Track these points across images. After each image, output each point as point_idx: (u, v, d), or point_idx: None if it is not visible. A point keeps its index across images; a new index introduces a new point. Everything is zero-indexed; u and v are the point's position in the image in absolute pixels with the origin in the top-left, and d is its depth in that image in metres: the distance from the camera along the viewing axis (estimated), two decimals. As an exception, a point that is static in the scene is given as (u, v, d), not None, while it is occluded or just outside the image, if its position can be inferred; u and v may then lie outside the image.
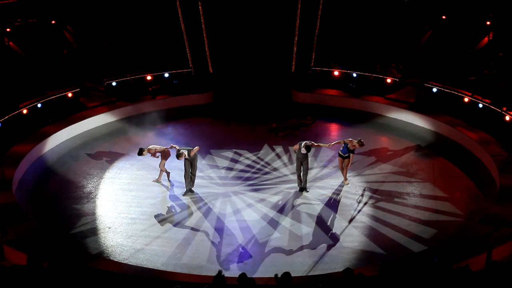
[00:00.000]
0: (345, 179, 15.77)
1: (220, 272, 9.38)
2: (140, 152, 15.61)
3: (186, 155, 14.90)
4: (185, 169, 15.20)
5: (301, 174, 15.39)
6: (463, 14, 21.29)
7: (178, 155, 14.84)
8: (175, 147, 15.46)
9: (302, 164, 15.23)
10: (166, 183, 15.83)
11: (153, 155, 15.68)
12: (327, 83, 21.86)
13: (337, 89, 21.62)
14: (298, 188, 15.48)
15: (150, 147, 15.71)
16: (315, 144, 15.49)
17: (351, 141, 15.46)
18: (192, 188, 15.40)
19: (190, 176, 15.24)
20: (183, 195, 15.25)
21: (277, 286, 9.26)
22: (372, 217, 14.30)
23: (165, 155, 15.63)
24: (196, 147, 15.28)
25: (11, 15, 20.78)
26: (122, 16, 22.23)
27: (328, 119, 20.15)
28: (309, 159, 16.79)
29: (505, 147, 16.71)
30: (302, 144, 15.10)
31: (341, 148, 15.55)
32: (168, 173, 15.82)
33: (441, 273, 9.42)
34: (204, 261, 12.66)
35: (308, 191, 15.41)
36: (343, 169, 15.74)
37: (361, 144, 15.52)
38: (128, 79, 21.16)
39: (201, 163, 16.61)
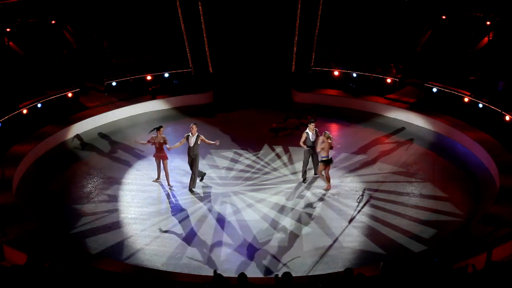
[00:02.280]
0: (328, 183, 15.43)
1: (215, 271, 9.36)
2: (158, 128, 15.39)
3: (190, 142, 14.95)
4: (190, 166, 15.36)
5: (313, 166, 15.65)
6: (463, 14, 21.29)
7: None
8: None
9: (312, 156, 15.39)
10: (166, 183, 15.82)
11: (154, 143, 15.37)
12: (327, 83, 21.87)
13: (337, 89, 21.63)
14: (301, 180, 15.74)
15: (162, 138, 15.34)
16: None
17: (324, 145, 14.99)
18: (193, 189, 15.41)
19: (191, 175, 15.32)
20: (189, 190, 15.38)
21: (277, 286, 9.26)
22: (372, 217, 14.30)
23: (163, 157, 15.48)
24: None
25: (11, 15, 20.77)
26: (122, 16, 22.23)
27: (328, 119, 20.15)
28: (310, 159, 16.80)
29: (505, 147, 16.71)
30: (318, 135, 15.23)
31: (323, 154, 15.14)
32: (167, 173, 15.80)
33: (441, 273, 9.42)
34: (204, 261, 12.66)
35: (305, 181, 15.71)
36: (322, 175, 15.37)
37: (327, 136, 15.10)
38: (128, 79, 21.17)
39: (201, 163, 16.59)
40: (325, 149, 15.00)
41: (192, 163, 15.21)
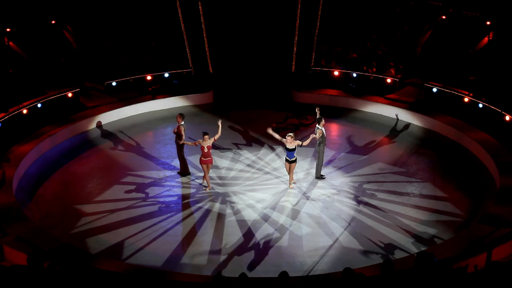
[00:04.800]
0: (291, 183, 15.53)
1: (219, 272, 9.37)
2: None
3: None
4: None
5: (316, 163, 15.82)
6: (463, 14, 21.29)
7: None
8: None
9: (318, 150, 15.65)
10: (167, 183, 15.83)
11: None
12: (327, 83, 21.87)
13: (337, 89, 21.64)
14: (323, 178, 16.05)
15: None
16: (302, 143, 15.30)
17: (289, 142, 14.97)
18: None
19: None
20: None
21: (277, 286, 9.26)
22: (372, 217, 14.30)
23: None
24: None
25: (11, 15, 20.76)
26: (123, 16, 22.23)
27: (328, 119, 20.10)
28: (309, 159, 16.82)
29: (505, 147, 16.71)
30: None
31: (286, 153, 15.17)
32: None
33: (441, 273, 9.42)
34: (204, 261, 12.67)
35: (324, 178, 15.84)
36: (290, 173, 15.41)
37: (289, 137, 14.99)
38: (128, 79, 21.18)
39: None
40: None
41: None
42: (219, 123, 15.45)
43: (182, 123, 15.89)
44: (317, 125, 15.79)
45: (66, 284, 9.33)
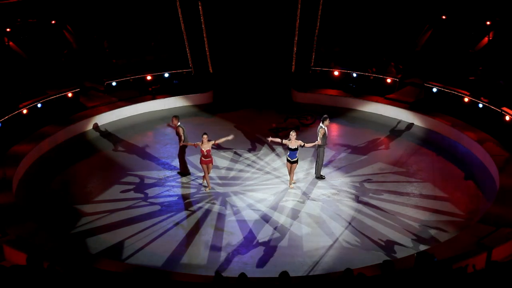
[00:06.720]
0: (291, 183, 15.55)
1: (217, 272, 9.38)
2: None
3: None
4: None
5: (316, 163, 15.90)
6: (463, 14, 21.29)
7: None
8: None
9: (318, 151, 15.73)
10: (167, 183, 15.83)
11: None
12: (327, 83, 21.87)
13: (337, 89, 21.63)
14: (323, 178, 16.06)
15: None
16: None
17: (292, 139, 15.03)
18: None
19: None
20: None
21: (277, 286, 9.27)
22: (372, 217, 14.30)
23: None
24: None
25: (11, 15, 20.77)
26: (122, 16, 22.23)
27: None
28: (309, 159, 16.84)
29: (505, 147, 16.71)
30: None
31: (288, 153, 15.22)
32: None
33: (441, 273, 9.42)
34: (204, 261, 12.67)
35: (324, 178, 15.85)
36: (290, 173, 15.46)
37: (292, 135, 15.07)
38: (128, 79, 21.18)
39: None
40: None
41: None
42: (230, 137, 15.34)
43: (179, 124, 15.88)
44: (320, 124, 15.77)
45: (66, 284, 9.34)
